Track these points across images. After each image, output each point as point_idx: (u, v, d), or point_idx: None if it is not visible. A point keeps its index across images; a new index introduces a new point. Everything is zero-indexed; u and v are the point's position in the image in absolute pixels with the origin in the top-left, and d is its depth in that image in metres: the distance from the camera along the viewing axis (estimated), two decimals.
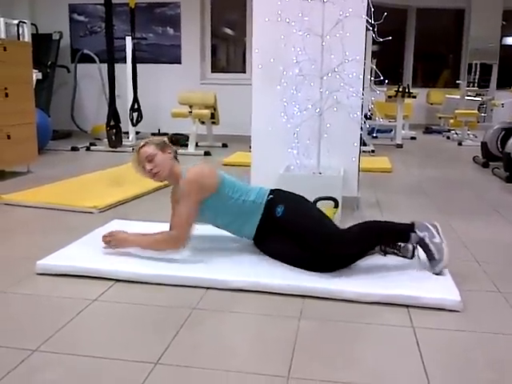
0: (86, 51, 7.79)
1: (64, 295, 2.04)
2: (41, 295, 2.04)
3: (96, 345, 1.67)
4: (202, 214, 2.36)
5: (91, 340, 1.70)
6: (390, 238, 2.31)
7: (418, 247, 2.27)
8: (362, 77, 3.49)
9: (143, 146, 2.35)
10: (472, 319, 1.90)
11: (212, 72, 8.20)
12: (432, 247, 2.19)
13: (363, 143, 5.94)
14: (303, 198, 2.42)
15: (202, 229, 2.79)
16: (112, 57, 6.25)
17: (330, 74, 3.39)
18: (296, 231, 2.26)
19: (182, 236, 2.28)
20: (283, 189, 2.47)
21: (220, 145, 6.86)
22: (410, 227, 2.24)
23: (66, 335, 1.73)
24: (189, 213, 2.27)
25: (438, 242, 2.19)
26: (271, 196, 2.35)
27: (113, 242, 2.36)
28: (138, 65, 6.88)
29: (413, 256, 2.30)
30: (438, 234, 2.22)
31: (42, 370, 1.51)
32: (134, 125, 6.84)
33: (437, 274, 2.18)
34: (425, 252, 2.23)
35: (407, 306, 1.97)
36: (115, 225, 2.87)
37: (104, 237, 2.39)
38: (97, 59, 7.75)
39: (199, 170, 2.31)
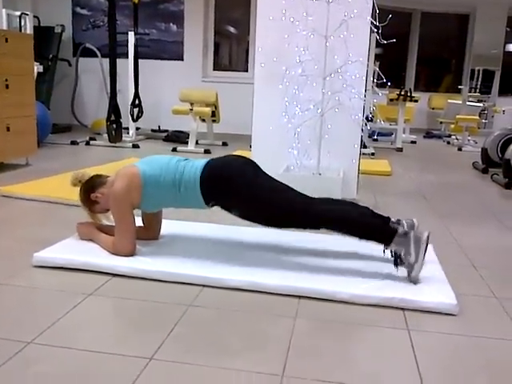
0: (87, 45, 7.78)
1: (60, 288, 2.04)
2: (37, 288, 2.04)
3: (91, 339, 1.66)
4: (151, 208, 2.43)
5: (86, 334, 1.69)
6: (361, 235, 2.22)
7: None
8: (364, 79, 3.50)
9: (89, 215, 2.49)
10: (467, 323, 1.89)
11: (214, 70, 8.19)
12: (404, 263, 2.14)
13: (363, 145, 5.94)
14: (241, 170, 2.42)
15: (199, 227, 2.80)
16: (114, 51, 6.24)
17: (332, 75, 3.39)
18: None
19: (118, 246, 2.30)
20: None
21: (220, 143, 6.85)
22: (388, 239, 2.15)
23: (61, 328, 1.72)
24: (121, 229, 2.30)
25: (411, 262, 2.11)
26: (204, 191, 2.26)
27: (82, 235, 2.48)
28: (139, 60, 6.88)
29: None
30: (418, 250, 2.09)
31: (36, 363, 1.51)
32: (134, 120, 6.83)
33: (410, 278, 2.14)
34: (395, 259, 2.17)
35: (403, 309, 1.97)
36: None
37: (79, 224, 2.50)
38: (98, 53, 7.74)
39: (116, 191, 2.27)
